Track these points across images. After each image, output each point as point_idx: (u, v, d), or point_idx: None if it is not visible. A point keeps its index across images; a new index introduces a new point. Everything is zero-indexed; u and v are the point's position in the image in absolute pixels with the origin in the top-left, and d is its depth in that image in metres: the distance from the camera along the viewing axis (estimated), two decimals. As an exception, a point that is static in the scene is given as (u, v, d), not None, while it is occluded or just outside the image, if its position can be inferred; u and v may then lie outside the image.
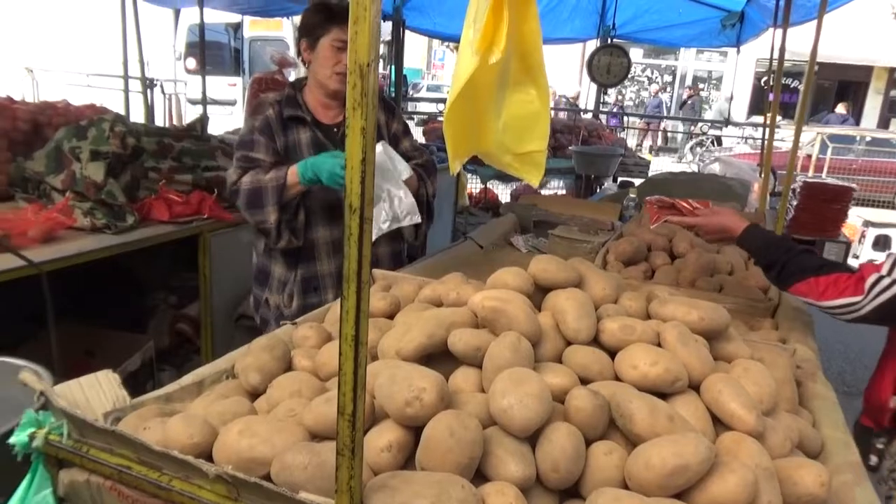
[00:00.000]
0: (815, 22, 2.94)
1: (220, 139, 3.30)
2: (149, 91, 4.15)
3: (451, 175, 1.09)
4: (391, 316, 1.46)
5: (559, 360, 1.05)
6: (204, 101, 3.75)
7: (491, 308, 1.03)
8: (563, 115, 7.04)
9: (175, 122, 7.35)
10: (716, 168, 3.46)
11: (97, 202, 2.65)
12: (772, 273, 1.62)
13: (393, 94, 6.26)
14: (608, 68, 4.56)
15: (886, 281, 1.43)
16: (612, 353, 1.05)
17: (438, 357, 1.07)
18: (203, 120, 3.36)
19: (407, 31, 6.32)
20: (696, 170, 7.45)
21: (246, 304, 3.05)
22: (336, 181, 1.88)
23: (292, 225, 2.08)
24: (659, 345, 1.04)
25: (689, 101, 14.48)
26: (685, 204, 1.75)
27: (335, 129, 2.17)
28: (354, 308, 0.71)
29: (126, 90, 4.00)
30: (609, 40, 4.97)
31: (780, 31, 4.45)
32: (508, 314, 1.01)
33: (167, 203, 2.79)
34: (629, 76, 5.48)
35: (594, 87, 7.62)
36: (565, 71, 13.98)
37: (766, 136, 3.57)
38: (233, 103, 9.12)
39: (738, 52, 7.13)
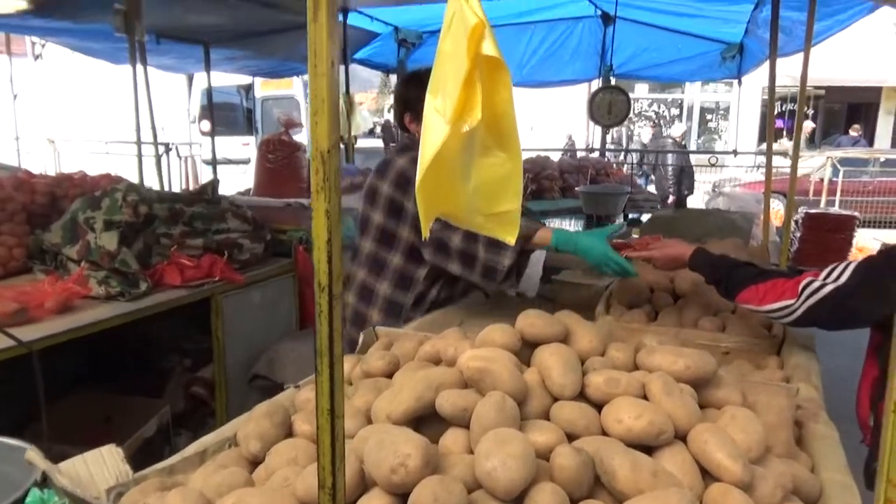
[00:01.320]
0: (817, 47, 2.99)
1: (231, 201, 3.38)
2: (164, 155, 4.30)
3: (424, 238, 1.13)
4: (390, 375, 1.48)
5: (546, 416, 1.06)
6: (214, 164, 3.87)
7: (476, 368, 1.04)
8: (568, 155, 7.13)
9: (192, 182, 7.54)
10: (720, 202, 3.47)
11: (111, 270, 2.72)
12: (720, 288, 1.74)
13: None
14: (609, 108, 4.62)
15: (816, 283, 1.50)
16: (599, 407, 1.05)
17: (429, 418, 1.08)
18: (214, 183, 3.46)
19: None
20: (703, 202, 7.47)
21: (259, 364, 3.09)
22: (608, 265, 1.95)
23: (520, 269, 2.08)
24: (645, 397, 1.05)
25: (652, 136, 14.30)
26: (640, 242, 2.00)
27: None
28: (328, 381, 0.74)
29: (139, 156, 4.12)
30: (610, 80, 5.04)
31: (781, 60, 4.57)
32: (493, 373, 1.03)
33: (179, 268, 2.86)
34: (635, 113, 5.55)
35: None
36: (571, 112, 14.15)
37: (766, 167, 3.57)
38: (246, 162, 9.35)
39: (740, 83, 7.19)
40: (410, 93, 2.19)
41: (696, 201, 8.34)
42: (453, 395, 1.03)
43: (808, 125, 13.93)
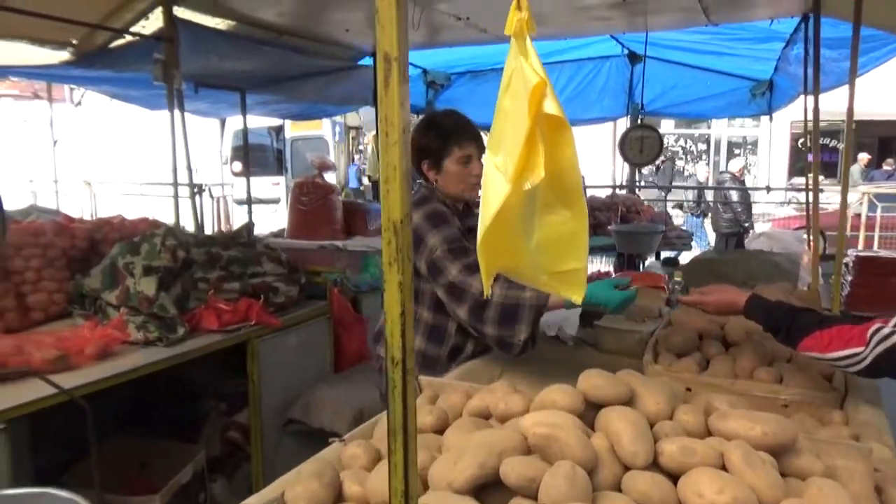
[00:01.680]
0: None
1: (266, 244, 3.40)
2: (198, 195, 4.35)
3: (486, 297, 1.09)
4: (440, 431, 1.43)
5: (617, 486, 1.00)
6: (249, 206, 3.90)
7: (542, 435, 1.00)
8: (601, 193, 7.10)
9: (223, 222, 7.64)
10: (762, 242, 3.39)
11: (150, 315, 2.73)
12: (779, 336, 1.68)
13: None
14: (641, 147, 4.60)
15: (886, 330, 1.43)
16: (673, 477, 1.00)
17: (491, 486, 1.03)
18: (249, 227, 3.48)
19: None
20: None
21: (295, 409, 3.05)
22: (623, 307, 1.96)
23: (534, 334, 2.01)
24: (722, 466, 0.99)
25: (661, 167, 14.18)
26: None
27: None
28: (402, 463, 0.70)
29: (176, 197, 4.15)
30: (640, 120, 5.03)
31: (812, 97, 4.54)
32: (561, 441, 0.98)
33: (216, 312, 2.86)
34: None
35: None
36: (597, 150, 14.19)
37: (811, 202, 3.49)
38: (276, 201, 9.48)
39: (771, 119, 7.14)
40: (429, 140, 2.17)
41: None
42: (519, 465, 0.98)
43: (864, 156, 13.70)
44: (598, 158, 14.63)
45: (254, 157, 9.86)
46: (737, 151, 16.81)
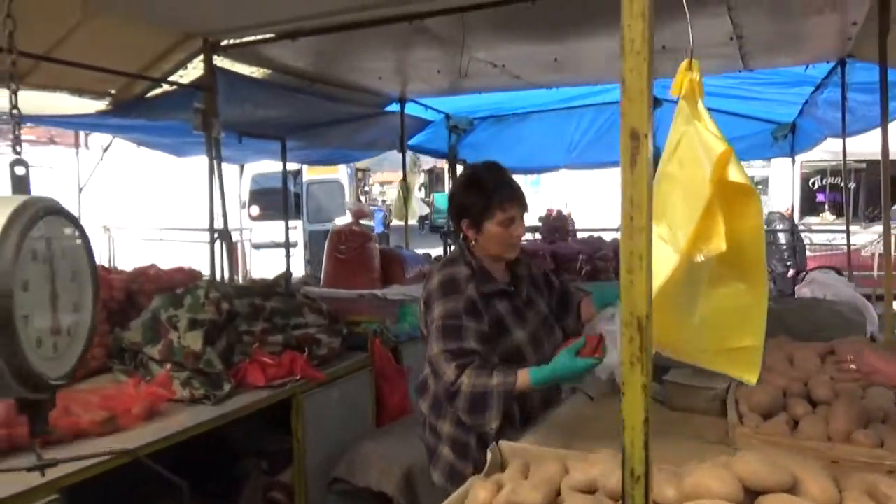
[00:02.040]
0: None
1: (305, 294, 3.33)
2: (218, 241, 4.30)
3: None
4: (550, 509, 1.34)
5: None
6: (287, 254, 3.84)
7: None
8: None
9: (240, 265, 7.60)
10: (814, 290, 3.33)
11: (195, 371, 2.65)
12: None
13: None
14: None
15: None
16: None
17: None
18: (287, 276, 3.42)
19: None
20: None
21: (340, 467, 2.94)
22: (578, 378, 1.96)
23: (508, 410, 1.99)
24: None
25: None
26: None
27: (514, 290, 2.17)
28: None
29: (212, 243, 4.06)
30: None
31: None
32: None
33: (261, 366, 2.78)
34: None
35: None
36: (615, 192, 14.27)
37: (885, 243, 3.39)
38: (294, 245, 9.45)
39: (794, 161, 7.15)
40: (471, 199, 2.10)
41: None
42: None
43: None
44: (616, 201, 14.67)
45: (271, 200, 9.87)
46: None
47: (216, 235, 3.78)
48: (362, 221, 3.83)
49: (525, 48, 3.58)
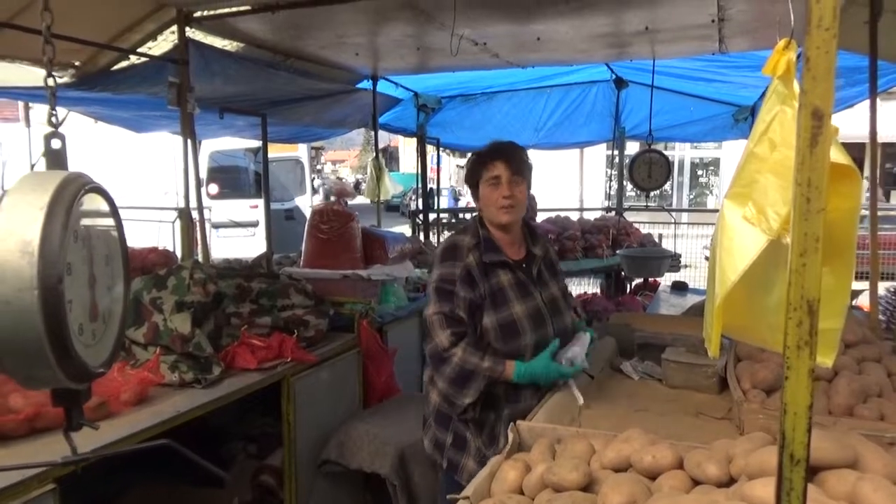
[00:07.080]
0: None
1: (289, 275, 3.25)
2: (178, 220, 4.16)
3: (713, 357, 1.04)
4: (586, 488, 1.35)
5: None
6: (269, 234, 3.73)
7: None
8: (589, 215, 7.16)
9: (200, 245, 7.36)
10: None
11: (182, 355, 2.57)
12: None
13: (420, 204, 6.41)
14: (649, 172, 4.65)
15: None
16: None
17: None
18: (268, 257, 3.33)
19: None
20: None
21: (329, 449, 2.91)
22: (554, 382, 2.10)
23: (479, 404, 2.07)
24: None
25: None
26: None
27: (524, 266, 2.21)
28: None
29: (183, 224, 3.92)
30: (648, 145, 5.08)
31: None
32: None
33: (250, 349, 2.71)
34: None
35: (614, 185, 7.78)
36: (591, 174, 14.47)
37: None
38: (255, 224, 9.22)
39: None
40: (469, 164, 2.26)
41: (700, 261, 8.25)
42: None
43: None
44: (585, 179, 14.89)
45: (230, 179, 9.59)
46: (699, 172, 17.28)
47: (189, 215, 3.65)
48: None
49: (510, 26, 3.54)
